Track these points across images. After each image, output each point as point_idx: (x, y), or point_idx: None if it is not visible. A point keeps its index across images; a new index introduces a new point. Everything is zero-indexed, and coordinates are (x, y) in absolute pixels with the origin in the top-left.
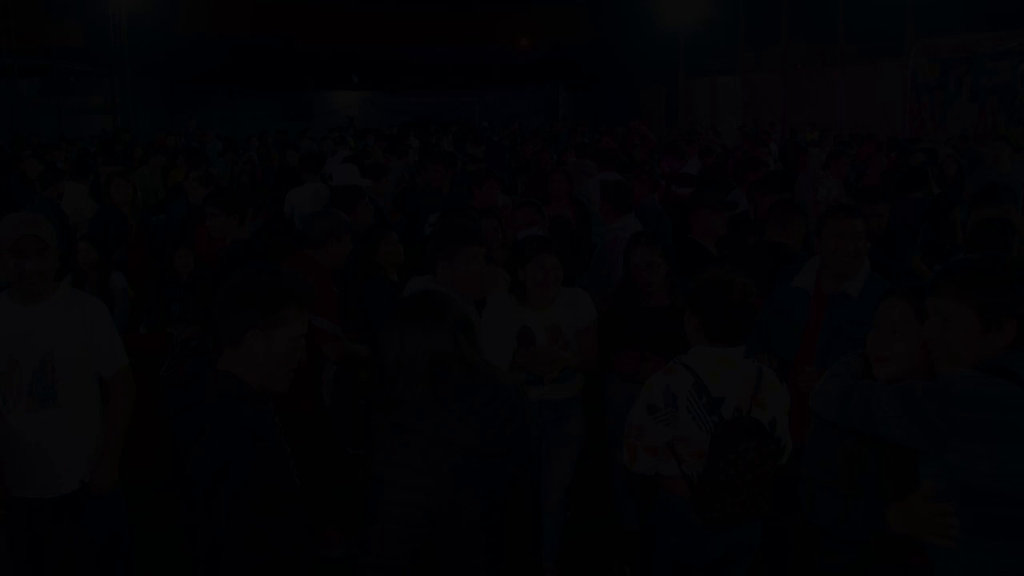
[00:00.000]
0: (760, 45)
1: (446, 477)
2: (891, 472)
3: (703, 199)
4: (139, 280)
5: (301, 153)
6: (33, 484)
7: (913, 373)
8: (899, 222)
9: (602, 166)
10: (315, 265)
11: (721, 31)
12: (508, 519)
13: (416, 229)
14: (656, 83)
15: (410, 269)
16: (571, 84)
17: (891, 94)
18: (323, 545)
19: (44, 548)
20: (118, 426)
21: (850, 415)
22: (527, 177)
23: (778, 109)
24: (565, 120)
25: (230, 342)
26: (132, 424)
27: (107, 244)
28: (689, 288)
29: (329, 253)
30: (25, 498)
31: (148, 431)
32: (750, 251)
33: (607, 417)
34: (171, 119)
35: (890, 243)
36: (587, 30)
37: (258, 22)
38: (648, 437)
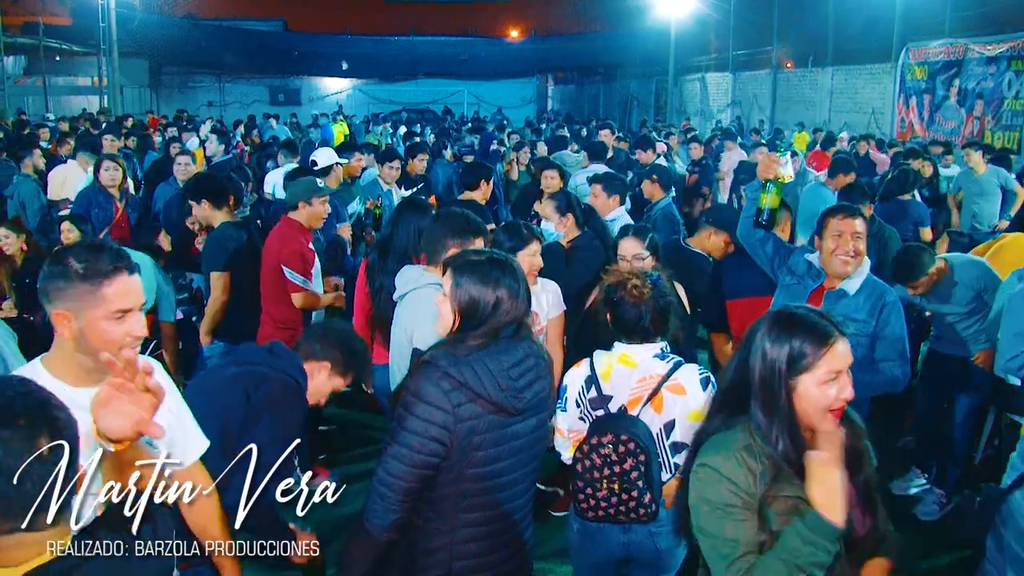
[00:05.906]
0: (751, 43)
1: (464, 420)
2: None
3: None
4: None
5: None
6: None
7: None
8: (887, 221)
9: (591, 159)
10: (294, 224)
11: (712, 28)
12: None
13: None
14: (646, 78)
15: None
16: (560, 77)
17: (879, 96)
18: None
19: None
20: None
21: None
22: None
23: (767, 108)
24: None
25: None
26: None
27: (90, 224)
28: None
29: (304, 213)
30: None
31: None
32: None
33: None
34: (158, 101)
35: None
36: (578, 23)
37: (248, 6)
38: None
